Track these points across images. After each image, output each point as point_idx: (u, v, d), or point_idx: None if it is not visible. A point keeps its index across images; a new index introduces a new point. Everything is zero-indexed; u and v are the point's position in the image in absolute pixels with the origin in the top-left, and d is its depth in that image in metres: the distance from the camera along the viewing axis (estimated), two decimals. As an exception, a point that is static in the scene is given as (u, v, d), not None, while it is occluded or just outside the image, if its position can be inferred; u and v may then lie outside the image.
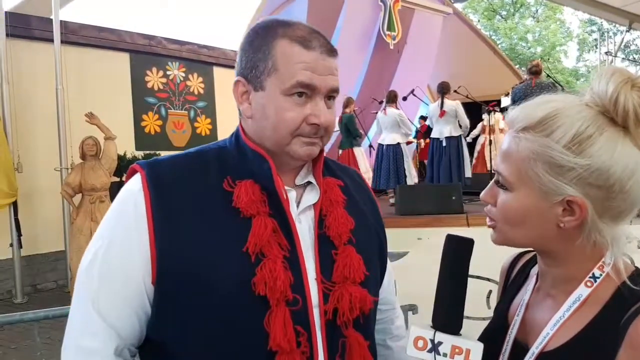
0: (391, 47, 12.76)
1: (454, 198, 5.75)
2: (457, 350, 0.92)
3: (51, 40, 6.92)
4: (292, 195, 1.09)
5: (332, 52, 1.07)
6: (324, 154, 1.15)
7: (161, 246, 0.98)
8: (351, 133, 8.25)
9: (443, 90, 7.37)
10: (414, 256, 3.24)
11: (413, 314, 2.94)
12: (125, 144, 7.70)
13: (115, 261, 1.00)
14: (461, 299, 0.97)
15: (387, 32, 12.64)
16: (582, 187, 0.87)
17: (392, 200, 7.00)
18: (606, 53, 16.51)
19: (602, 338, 0.87)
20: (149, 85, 8.70)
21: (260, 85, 1.05)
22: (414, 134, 9.60)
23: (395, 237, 5.08)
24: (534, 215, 0.91)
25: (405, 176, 7.54)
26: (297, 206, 1.10)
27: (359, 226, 1.14)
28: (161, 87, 8.85)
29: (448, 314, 0.96)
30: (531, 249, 1.06)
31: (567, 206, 0.89)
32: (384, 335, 1.32)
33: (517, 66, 19.79)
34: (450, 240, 1.00)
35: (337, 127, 9.02)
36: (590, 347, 0.88)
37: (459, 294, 0.97)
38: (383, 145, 7.69)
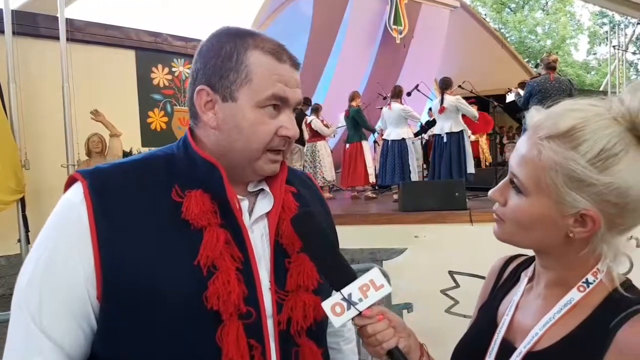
0: (398, 41, 12.73)
1: (457, 194, 5.73)
2: (364, 287, 0.97)
3: (57, 38, 6.93)
4: (244, 204, 1.07)
5: (298, 65, 1.08)
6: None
7: (107, 261, 0.94)
8: (359, 126, 8.22)
9: (444, 86, 7.33)
10: (410, 254, 3.25)
11: (408, 312, 2.93)
12: (132, 141, 7.73)
13: (58, 277, 0.95)
14: (336, 253, 1.02)
15: (394, 27, 12.61)
16: (598, 203, 0.87)
17: (396, 197, 6.99)
18: (614, 47, 16.30)
19: (590, 341, 0.89)
20: (155, 82, 8.73)
21: (231, 95, 1.02)
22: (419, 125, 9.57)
23: (394, 235, 5.10)
24: (545, 222, 0.92)
25: (410, 172, 7.53)
26: (250, 215, 1.08)
27: None
28: (167, 84, 8.88)
29: (339, 271, 1.00)
30: (523, 252, 1.07)
31: (580, 218, 0.89)
32: (336, 338, 1.30)
33: (525, 59, 19.63)
34: (299, 220, 1.03)
35: (343, 122, 9.04)
36: (578, 349, 0.89)
37: (333, 251, 1.02)
38: (388, 140, 7.68)
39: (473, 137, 10.08)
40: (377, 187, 8.86)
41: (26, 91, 6.99)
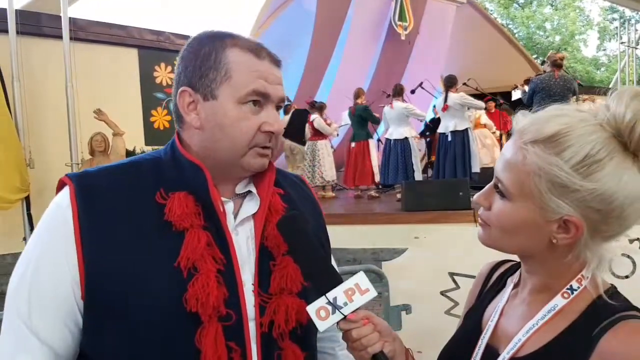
0: (402, 38, 12.65)
1: (461, 194, 5.70)
2: (350, 292, 0.97)
3: (61, 37, 6.96)
4: (229, 206, 1.08)
5: (278, 63, 1.10)
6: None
7: (89, 263, 0.97)
8: (366, 124, 8.19)
9: (449, 83, 7.26)
10: (410, 255, 3.21)
11: (407, 313, 2.90)
12: (135, 140, 7.77)
13: (45, 278, 0.98)
14: (321, 257, 1.02)
15: (399, 23, 12.53)
16: (581, 209, 0.87)
17: (399, 196, 6.96)
18: (622, 43, 16.13)
19: (572, 348, 0.88)
20: (158, 80, 8.73)
21: (212, 94, 1.03)
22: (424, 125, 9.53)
23: (397, 235, 5.06)
24: (528, 227, 0.92)
25: (414, 171, 7.49)
26: (236, 217, 1.08)
27: None
28: (170, 83, 8.85)
29: (324, 274, 1.00)
30: (512, 257, 1.07)
31: (563, 224, 0.89)
32: (331, 343, 1.30)
33: (534, 56, 19.50)
34: (284, 223, 1.04)
35: (348, 121, 9.00)
36: (560, 357, 0.89)
37: (318, 254, 1.02)
38: (391, 140, 7.64)
39: (498, 133, 10.03)
40: (380, 187, 8.83)
41: (30, 90, 7.02)
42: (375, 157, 8.42)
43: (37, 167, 6.92)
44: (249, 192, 1.12)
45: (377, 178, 8.24)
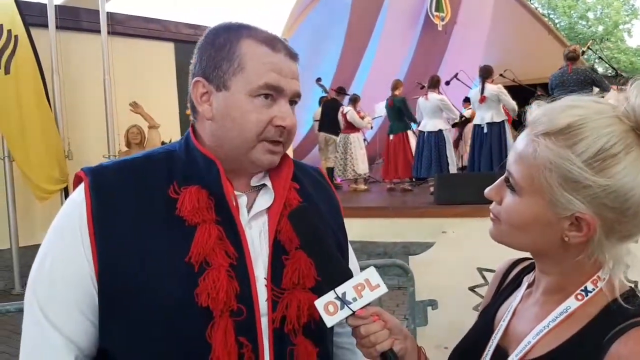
0: (439, 28, 12.44)
1: (495, 187, 5.57)
2: (359, 287, 0.95)
3: (99, 32, 7.13)
4: (242, 200, 1.06)
5: (294, 56, 1.07)
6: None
7: (102, 259, 0.97)
8: (404, 116, 8.10)
9: (484, 75, 7.12)
10: (439, 249, 3.16)
11: (433, 309, 2.87)
12: (171, 132, 7.88)
13: (64, 271, 0.99)
14: (333, 252, 1.01)
15: (436, 13, 12.35)
16: (595, 206, 0.82)
17: (433, 189, 6.86)
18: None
19: (582, 354, 0.84)
20: (194, 74, 8.87)
21: (224, 84, 1.02)
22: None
23: (428, 228, 4.99)
24: (539, 223, 0.88)
25: (448, 164, 7.37)
26: (249, 211, 1.07)
27: None
28: (206, 76, 8.99)
29: (334, 269, 0.98)
30: (529, 255, 1.03)
31: (575, 221, 0.84)
32: (350, 339, 1.24)
33: (576, 46, 18.89)
34: (294, 216, 1.03)
35: (383, 112, 8.92)
36: None
37: (327, 248, 1.00)
38: (424, 132, 7.54)
39: None
40: (413, 180, 8.73)
41: (69, 84, 7.21)
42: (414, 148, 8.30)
43: (75, 159, 7.08)
44: (264, 185, 1.11)
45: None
